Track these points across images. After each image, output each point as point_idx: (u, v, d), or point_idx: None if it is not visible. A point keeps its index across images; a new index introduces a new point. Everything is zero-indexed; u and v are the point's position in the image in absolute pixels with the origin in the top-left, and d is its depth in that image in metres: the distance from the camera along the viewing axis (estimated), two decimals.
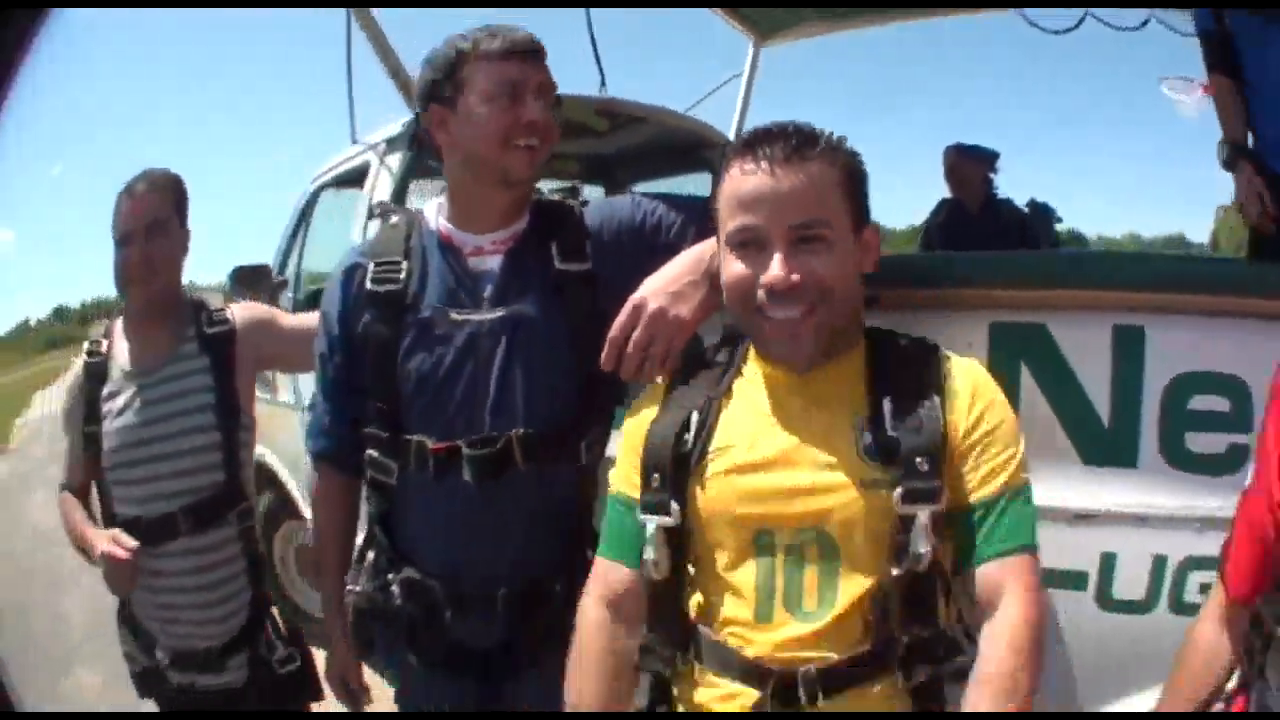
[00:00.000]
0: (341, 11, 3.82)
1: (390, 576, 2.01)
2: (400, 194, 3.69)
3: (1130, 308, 1.89)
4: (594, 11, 4.45)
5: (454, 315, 1.93)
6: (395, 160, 3.78)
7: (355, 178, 4.19)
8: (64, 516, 2.50)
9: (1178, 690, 1.60)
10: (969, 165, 5.45)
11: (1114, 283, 1.96)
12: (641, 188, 5.27)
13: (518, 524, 1.95)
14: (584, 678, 1.67)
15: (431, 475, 1.92)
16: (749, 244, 1.53)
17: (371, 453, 2.00)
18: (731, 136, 5.01)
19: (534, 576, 1.97)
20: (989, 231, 5.24)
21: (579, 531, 2.04)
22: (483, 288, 1.94)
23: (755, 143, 1.54)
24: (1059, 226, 5.66)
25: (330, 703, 2.58)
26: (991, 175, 5.49)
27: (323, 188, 4.76)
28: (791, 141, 1.52)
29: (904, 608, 1.47)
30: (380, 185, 3.79)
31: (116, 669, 4.78)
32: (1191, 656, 1.59)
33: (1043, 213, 5.61)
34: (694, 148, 4.89)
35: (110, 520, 2.41)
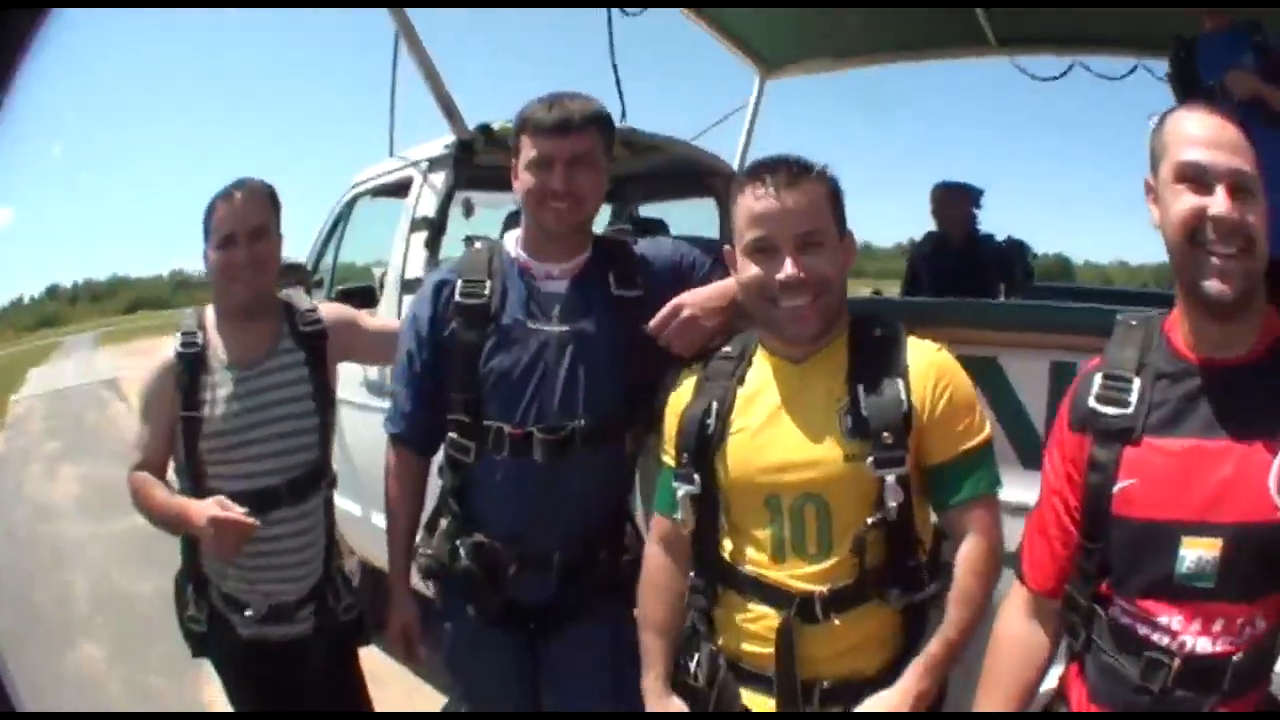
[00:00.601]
0: (388, 31, 4.04)
1: (459, 542, 2.43)
2: (443, 209, 4.02)
3: (1067, 348, 2.24)
4: (617, 45, 4.74)
5: (530, 325, 2.36)
6: (439, 179, 4.06)
7: (395, 190, 4.48)
8: (142, 493, 2.63)
9: (996, 681, 1.88)
10: (954, 201, 5.69)
11: (1053, 327, 2.37)
12: (649, 210, 5.61)
13: (575, 497, 2.39)
14: (648, 602, 2.21)
15: (507, 454, 2.35)
16: (763, 250, 1.94)
17: (452, 435, 2.41)
18: (736, 164, 5.34)
19: (585, 542, 2.43)
20: (971, 265, 5.51)
21: (620, 507, 2.52)
22: (552, 306, 2.38)
23: (762, 171, 1.96)
24: (1050, 252, 5.95)
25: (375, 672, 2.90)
26: (975, 211, 5.73)
27: (359, 195, 5.02)
28: (792, 169, 1.95)
29: (885, 547, 1.93)
30: (424, 200, 4.09)
31: (119, 641, 5.03)
32: (1007, 649, 1.88)
33: (1019, 249, 5.88)
34: (700, 175, 5.21)
35: (205, 495, 2.52)
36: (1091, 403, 1.72)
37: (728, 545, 2.06)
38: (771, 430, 1.99)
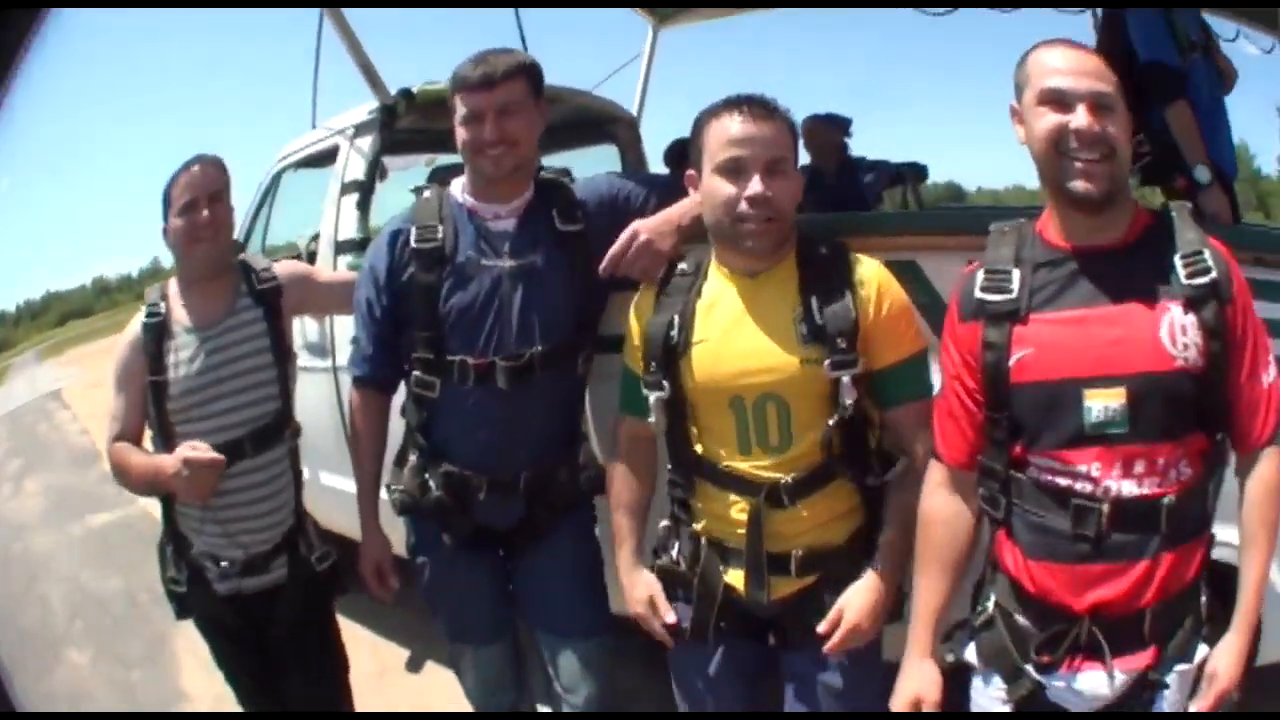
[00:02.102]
0: (310, 14, 4.11)
1: (428, 474, 2.55)
2: (372, 172, 4.07)
3: (977, 248, 2.26)
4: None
5: (483, 262, 2.47)
6: (366, 143, 4.10)
7: (321, 159, 4.51)
8: (121, 460, 2.71)
9: (929, 556, 2.01)
10: (825, 131, 5.81)
11: (964, 229, 2.54)
12: (553, 159, 5.65)
13: (536, 420, 2.53)
14: (618, 487, 2.41)
15: (472, 384, 2.46)
16: (735, 170, 2.08)
17: (417, 373, 2.51)
18: (635, 113, 5.49)
19: (546, 463, 2.56)
20: (848, 191, 5.67)
21: (575, 428, 2.66)
22: (502, 243, 2.50)
23: (740, 102, 2.11)
24: (939, 181, 6.07)
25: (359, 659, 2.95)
26: (846, 140, 5.88)
27: (285, 169, 5.00)
28: (766, 105, 2.11)
29: (841, 440, 2.10)
30: (353, 164, 4.12)
31: (103, 646, 5.00)
32: (934, 525, 2.01)
33: (915, 170, 6.20)
34: (600, 123, 5.33)
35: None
36: (978, 293, 1.89)
37: (698, 443, 2.22)
38: (732, 338, 2.14)
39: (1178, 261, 1.78)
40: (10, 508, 9.32)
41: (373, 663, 4.25)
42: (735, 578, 2.18)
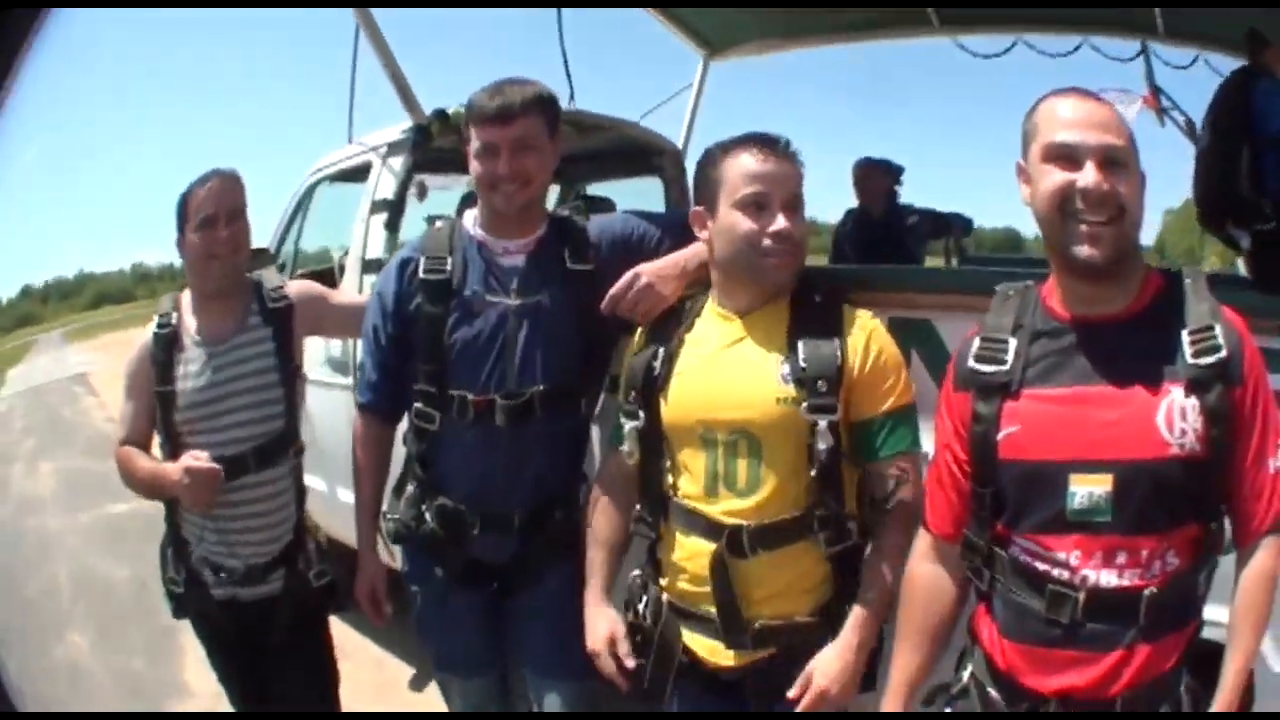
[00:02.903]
0: (348, 20, 4.04)
1: (424, 506, 2.52)
2: (402, 192, 4.06)
3: None
4: (566, 27, 4.81)
5: (489, 298, 2.44)
6: (397, 163, 4.10)
7: (355, 175, 4.51)
8: (127, 464, 2.74)
9: (909, 624, 1.94)
10: (875, 176, 5.80)
11: (981, 290, 2.45)
12: (597, 189, 5.64)
13: (533, 460, 2.48)
14: (594, 521, 2.38)
15: (471, 421, 2.42)
16: (758, 205, 2.08)
17: (418, 405, 2.48)
18: (681, 144, 5.40)
19: (542, 503, 2.51)
20: (893, 237, 5.62)
21: (577, 469, 2.60)
22: (510, 279, 2.46)
23: (759, 140, 2.12)
24: (999, 225, 6.06)
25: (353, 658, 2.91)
26: (896, 187, 5.84)
27: (319, 181, 5.02)
28: (784, 143, 2.13)
29: (815, 491, 2.05)
30: (383, 183, 4.13)
31: (104, 630, 5.03)
32: (916, 593, 1.95)
33: (960, 221, 6.11)
34: (645, 154, 5.27)
35: None
36: (971, 363, 1.82)
37: (669, 479, 2.19)
38: (711, 370, 2.13)
39: (1185, 338, 1.68)
40: (24, 485, 9.47)
41: (377, 678, 4.26)
42: (694, 641, 2.15)
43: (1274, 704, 2.06)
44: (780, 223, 2.07)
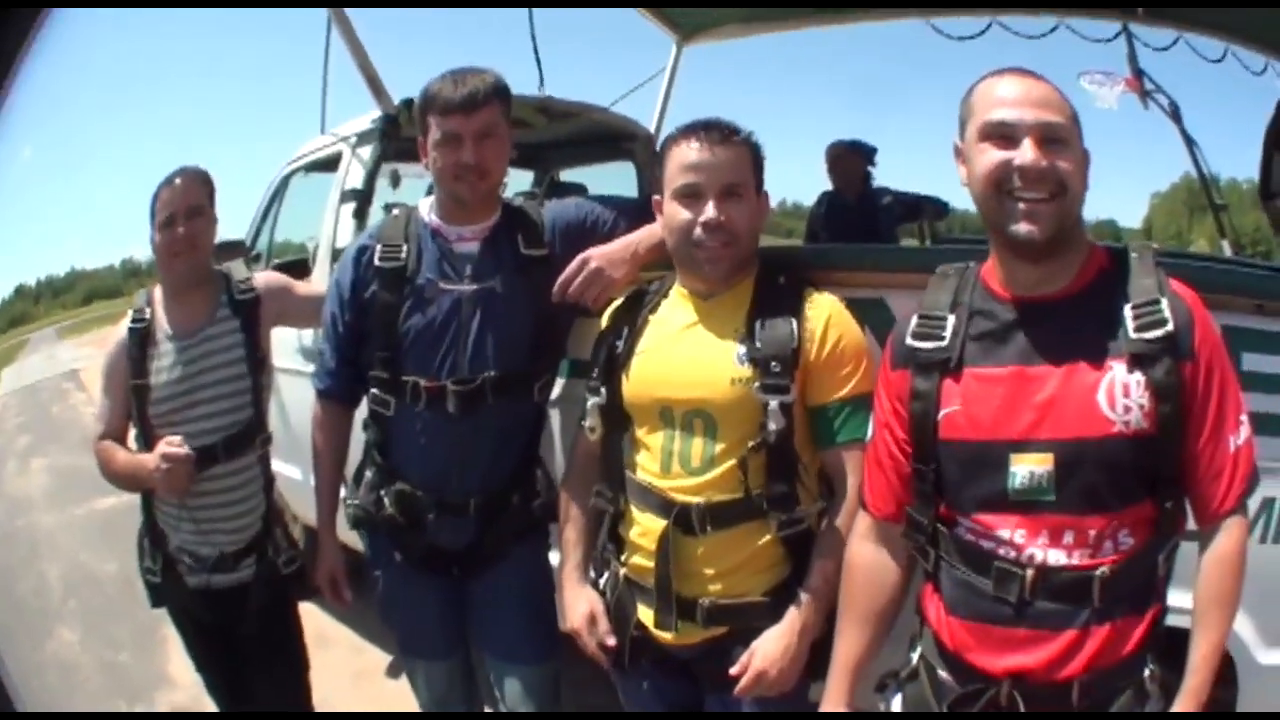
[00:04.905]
0: (320, 14, 4.04)
1: (382, 491, 2.51)
2: (370, 181, 4.02)
3: None
4: (535, 13, 4.72)
5: (442, 285, 2.42)
6: (366, 152, 4.07)
7: (327, 165, 4.47)
8: (106, 457, 2.78)
9: (850, 606, 1.91)
10: (849, 158, 5.76)
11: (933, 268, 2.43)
12: (570, 174, 5.63)
13: (487, 445, 2.46)
14: (568, 501, 2.36)
15: (423, 407, 2.41)
16: (691, 195, 2.08)
17: (374, 391, 2.48)
18: (653, 128, 5.35)
19: (498, 488, 2.50)
20: (866, 219, 5.57)
21: (531, 454, 2.58)
22: (464, 266, 2.44)
23: (698, 128, 2.10)
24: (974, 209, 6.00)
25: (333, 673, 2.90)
26: (869, 168, 5.79)
27: (293, 173, 5.00)
28: (723, 130, 2.09)
29: (765, 471, 2.03)
30: (352, 173, 4.10)
31: (93, 626, 5.03)
32: (858, 575, 1.91)
33: (934, 204, 6.02)
34: (617, 140, 5.24)
35: None
36: (908, 340, 1.78)
37: (629, 456, 2.18)
38: (671, 350, 2.13)
39: (1128, 312, 1.63)
40: (16, 484, 9.45)
41: (353, 665, 4.24)
42: (647, 616, 2.14)
43: (1258, 697, 2.06)
44: (709, 213, 2.05)
